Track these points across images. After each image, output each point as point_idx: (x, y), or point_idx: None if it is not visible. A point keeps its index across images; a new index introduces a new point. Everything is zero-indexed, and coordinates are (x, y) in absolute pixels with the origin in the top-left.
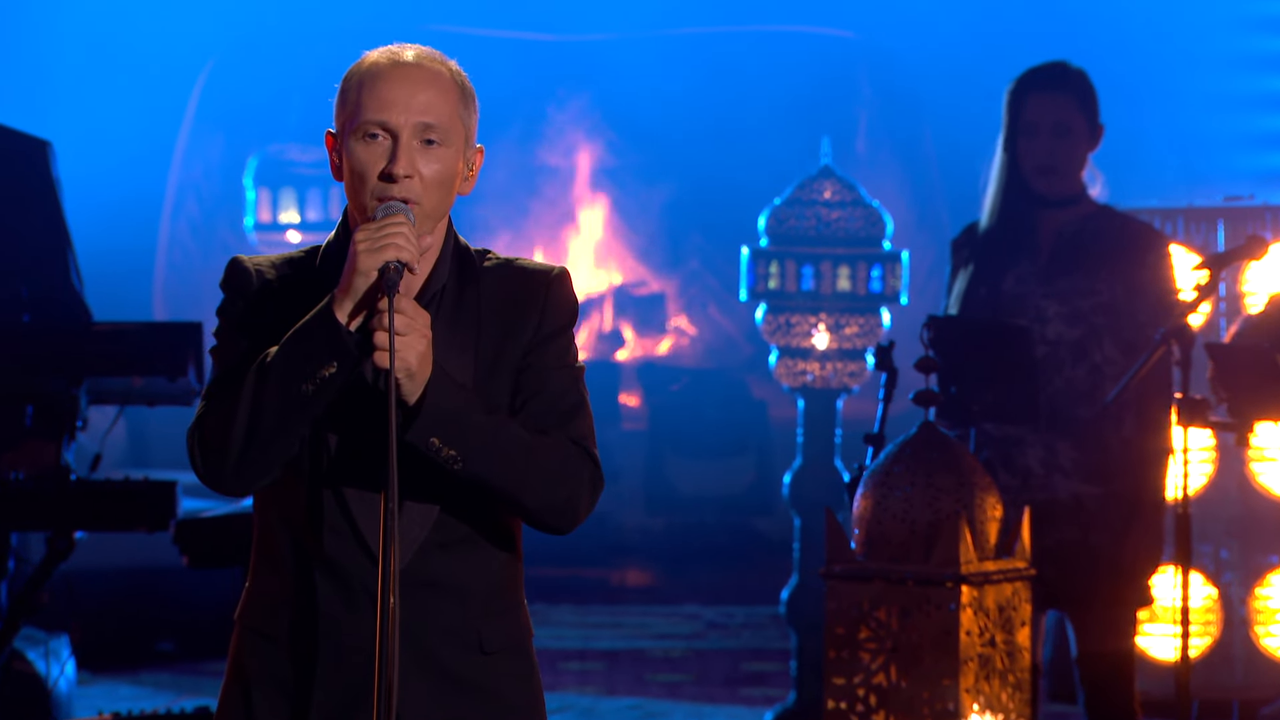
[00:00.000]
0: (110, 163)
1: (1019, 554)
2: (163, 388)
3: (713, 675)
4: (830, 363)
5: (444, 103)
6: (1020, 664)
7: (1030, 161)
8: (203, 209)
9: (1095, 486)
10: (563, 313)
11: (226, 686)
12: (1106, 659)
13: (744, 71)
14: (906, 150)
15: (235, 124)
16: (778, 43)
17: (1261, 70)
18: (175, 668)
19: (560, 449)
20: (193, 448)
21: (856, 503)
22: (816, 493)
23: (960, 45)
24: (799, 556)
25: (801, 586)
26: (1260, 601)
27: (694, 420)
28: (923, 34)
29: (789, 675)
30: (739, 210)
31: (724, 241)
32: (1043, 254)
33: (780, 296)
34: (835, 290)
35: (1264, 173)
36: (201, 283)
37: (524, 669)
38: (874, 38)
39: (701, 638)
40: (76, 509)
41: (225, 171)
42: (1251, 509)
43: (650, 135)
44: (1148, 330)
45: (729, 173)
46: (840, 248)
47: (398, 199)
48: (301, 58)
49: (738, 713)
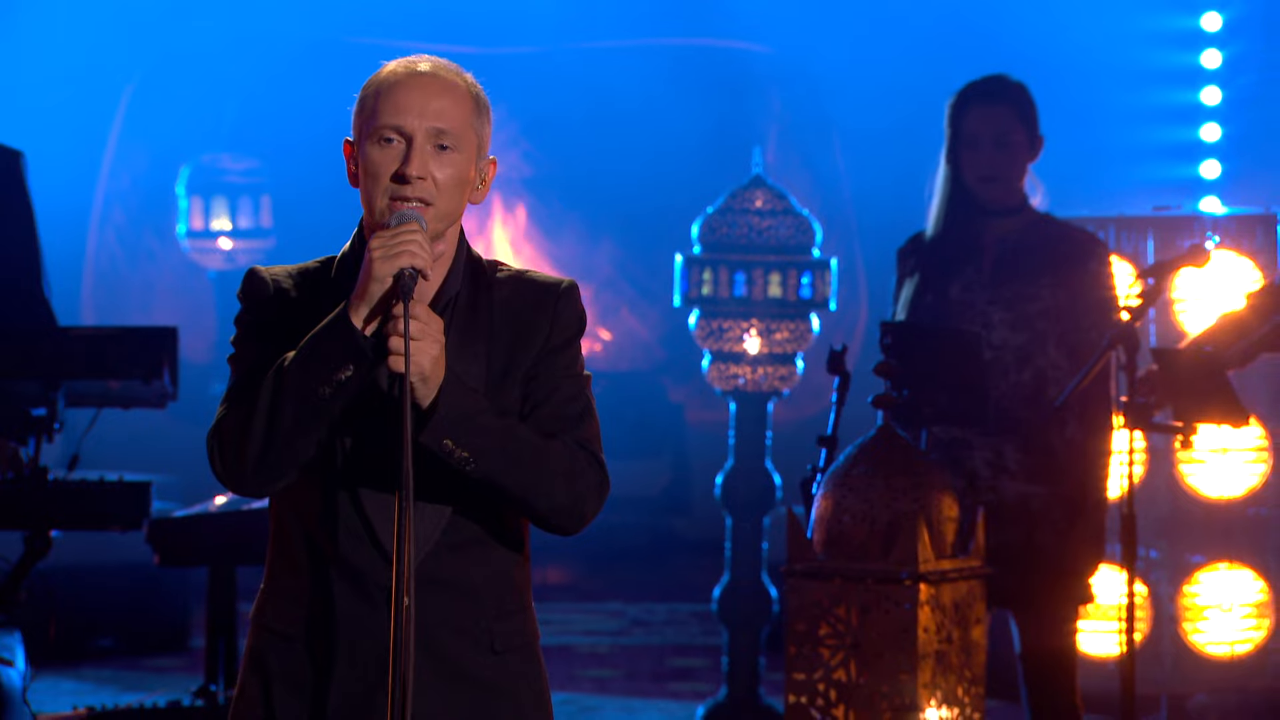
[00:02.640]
0: (36, 174)
1: (974, 553)
2: (138, 391)
3: (640, 670)
4: (761, 367)
5: (458, 110)
6: (975, 660)
7: (973, 172)
8: (130, 218)
9: (1040, 487)
10: (571, 324)
11: (243, 685)
12: (1050, 656)
13: (659, 84)
14: (816, 161)
15: (165, 134)
16: (692, 56)
17: (1173, 85)
18: (115, 663)
19: (569, 453)
20: (212, 450)
21: (817, 502)
22: (747, 493)
23: (870, 60)
24: (730, 555)
25: (733, 585)
26: (1188, 599)
27: (611, 423)
28: (834, 48)
29: (716, 670)
30: (652, 218)
31: (637, 249)
32: (987, 262)
33: (713, 302)
34: (766, 296)
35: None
36: (128, 289)
37: (533, 670)
38: (786, 52)
39: (626, 634)
40: (54, 509)
41: (153, 181)
42: (1180, 510)
43: (565, 146)
44: (1090, 335)
45: (642, 182)
46: (771, 255)
47: (411, 198)
48: (232, 69)
49: (668, 707)
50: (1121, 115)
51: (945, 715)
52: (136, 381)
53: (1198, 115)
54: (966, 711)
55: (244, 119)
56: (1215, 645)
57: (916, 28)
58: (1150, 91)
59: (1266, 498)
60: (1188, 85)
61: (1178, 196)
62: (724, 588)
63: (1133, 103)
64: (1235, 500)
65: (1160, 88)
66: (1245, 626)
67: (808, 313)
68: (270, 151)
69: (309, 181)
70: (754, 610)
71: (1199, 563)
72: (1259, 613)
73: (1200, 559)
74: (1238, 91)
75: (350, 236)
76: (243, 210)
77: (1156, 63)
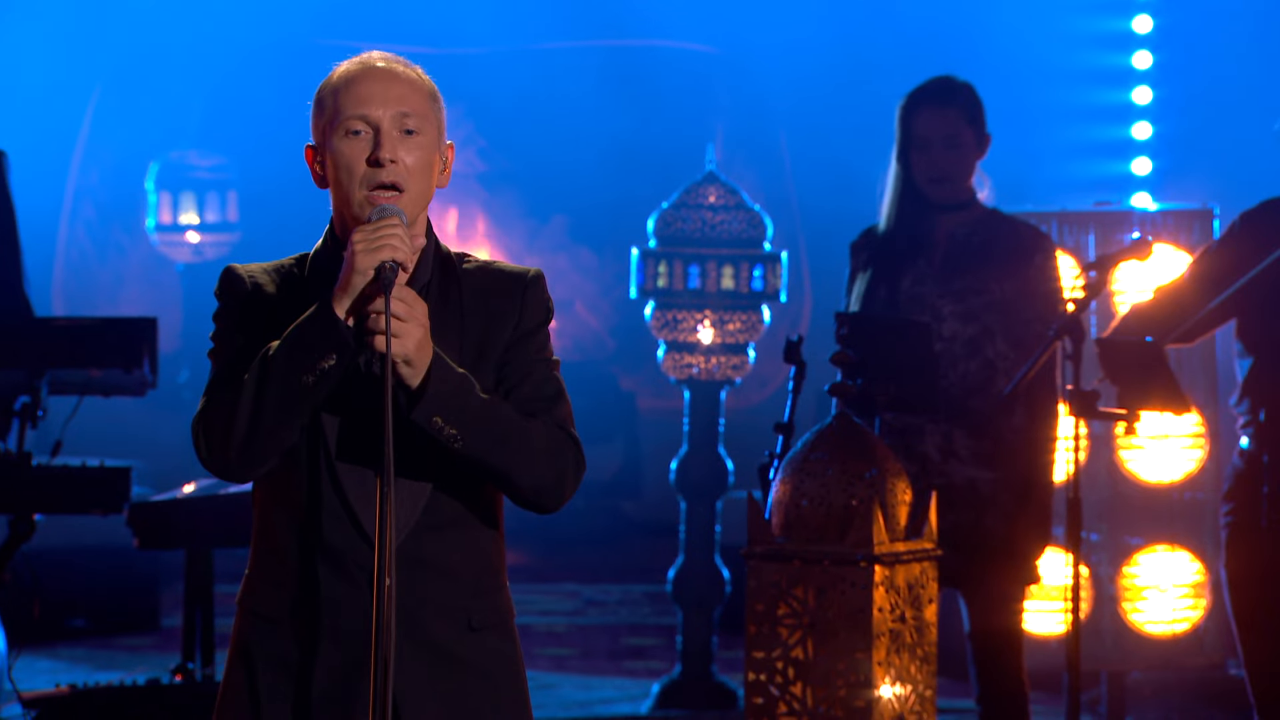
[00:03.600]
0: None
1: (926, 535)
2: (119, 379)
3: (596, 649)
4: (714, 356)
5: (417, 95)
6: (928, 638)
7: (923, 173)
8: (99, 213)
9: (989, 472)
10: (540, 311)
11: (230, 668)
12: (997, 634)
13: (610, 83)
14: (761, 158)
15: (133, 132)
16: (642, 56)
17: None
18: (89, 643)
19: (549, 432)
20: (198, 438)
21: (775, 487)
22: (701, 478)
23: (812, 60)
24: (685, 538)
25: (687, 566)
26: (1127, 580)
27: None
28: (777, 49)
29: (669, 648)
30: (601, 214)
31: (588, 244)
32: (938, 256)
33: (668, 294)
34: (719, 289)
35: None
36: (97, 281)
37: (508, 645)
38: (732, 53)
39: (582, 614)
40: (37, 493)
41: (122, 178)
42: (1119, 494)
43: (519, 144)
44: (1036, 326)
45: (591, 179)
46: (724, 249)
47: (387, 182)
48: (199, 69)
49: (624, 684)
50: (1056, 114)
51: (899, 692)
52: (118, 370)
53: (1129, 114)
54: (919, 688)
55: (211, 117)
56: (1154, 624)
57: (856, 29)
58: (1084, 91)
59: (1203, 482)
60: (1120, 85)
61: (1110, 192)
62: (678, 569)
63: (1067, 102)
64: (1173, 485)
65: (1093, 87)
66: (1182, 606)
67: (759, 304)
68: (236, 148)
69: (274, 177)
70: (708, 591)
71: (1138, 545)
72: (1195, 593)
73: (1139, 541)
74: (1168, 91)
75: (321, 234)
76: (210, 205)
77: (1090, 63)
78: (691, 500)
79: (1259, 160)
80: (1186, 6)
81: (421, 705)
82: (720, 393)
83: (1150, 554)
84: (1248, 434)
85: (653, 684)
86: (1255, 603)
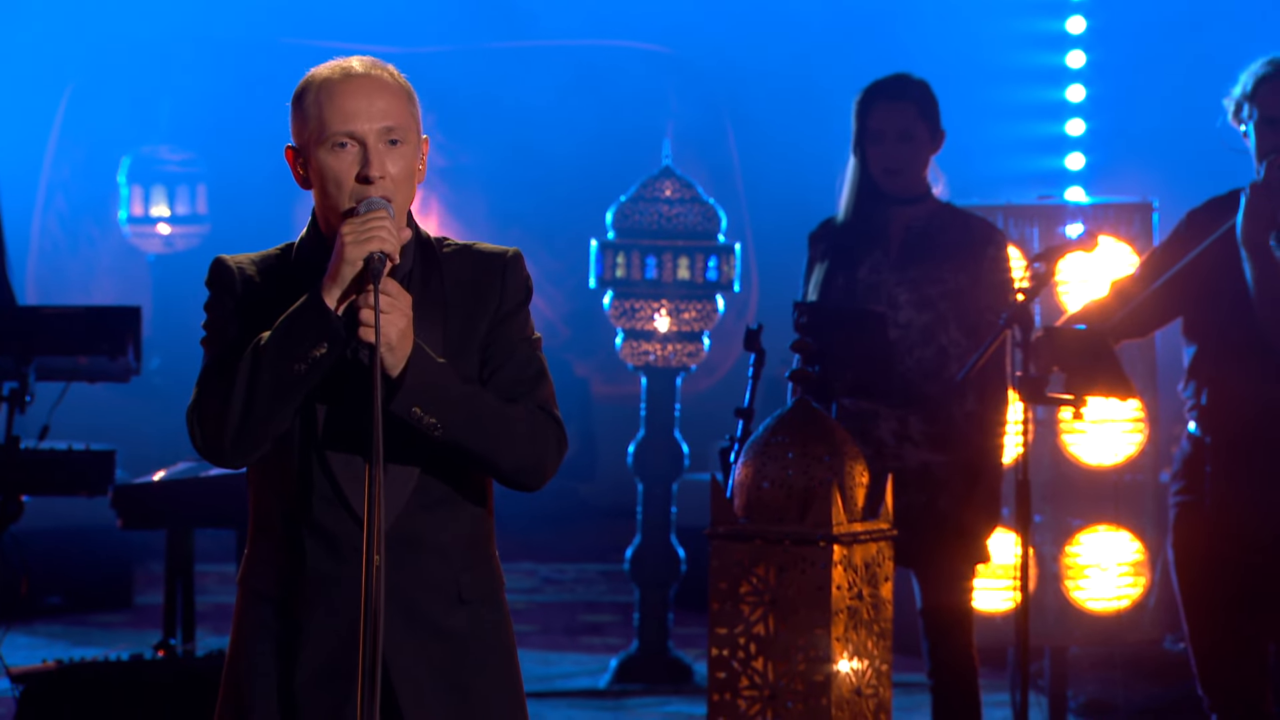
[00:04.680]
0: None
1: (883, 516)
2: (104, 366)
3: (555, 626)
4: (670, 344)
5: (397, 104)
6: (884, 615)
7: (878, 165)
8: (72, 206)
9: (941, 455)
10: (520, 290)
11: (233, 643)
12: (948, 611)
13: (566, 81)
14: (710, 154)
15: (105, 128)
16: (597, 56)
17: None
18: (65, 620)
19: (529, 414)
20: (193, 426)
21: (737, 470)
22: (658, 462)
23: (759, 60)
24: (642, 519)
25: (644, 546)
26: (1070, 559)
27: None
28: (727, 50)
29: (626, 625)
30: (556, 207)
31: (543, 236)
32: (894, 246)
33: (626, 284)
34: (676, 279)
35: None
36: (70, 272)
37: (497, 617)
38: (684, 53)
39: (540, 592)
40: (26, 475)
41: (94, 172)
42: (1062, 476)
43: (476, 139)
44: (988, 315)
45: (547, 173)
46: (680, 240)
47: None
48: (169, 68)
49: (582, 659)
50: (993, 111)
51: (856, 666)
52: (103, 357)
53: (1064, 111)
54: (875, 663)
55: (180, 114)
56: (1095, 601)
57: (803, 31)
58: (1020, 89)
59: (1142, 465)
60: (1054, 84)
61: (1045, 187)
62: (636, 549)
63: (1004, 99)
64: (1113, 468)
65: (1029, 86)
66: (1123, 584)
67: (714, 294)
68: (205, 144)
69: (242, 171)
70: (664, 570)
71: (1080, 525)
72: (1135, 571)
73: (1080, 522)
74: (1100, 89)
75: (302, 226)
76: (180, 198)
77: (1026, 63)
78: (649, 483)
79: (1190, 155)
80: (1118, 8)
81: (413, 676)
82: (676, 379)
83: (1092, 534)
84: (1193, 417)
85: (610, 659)
86: (1199, 579)
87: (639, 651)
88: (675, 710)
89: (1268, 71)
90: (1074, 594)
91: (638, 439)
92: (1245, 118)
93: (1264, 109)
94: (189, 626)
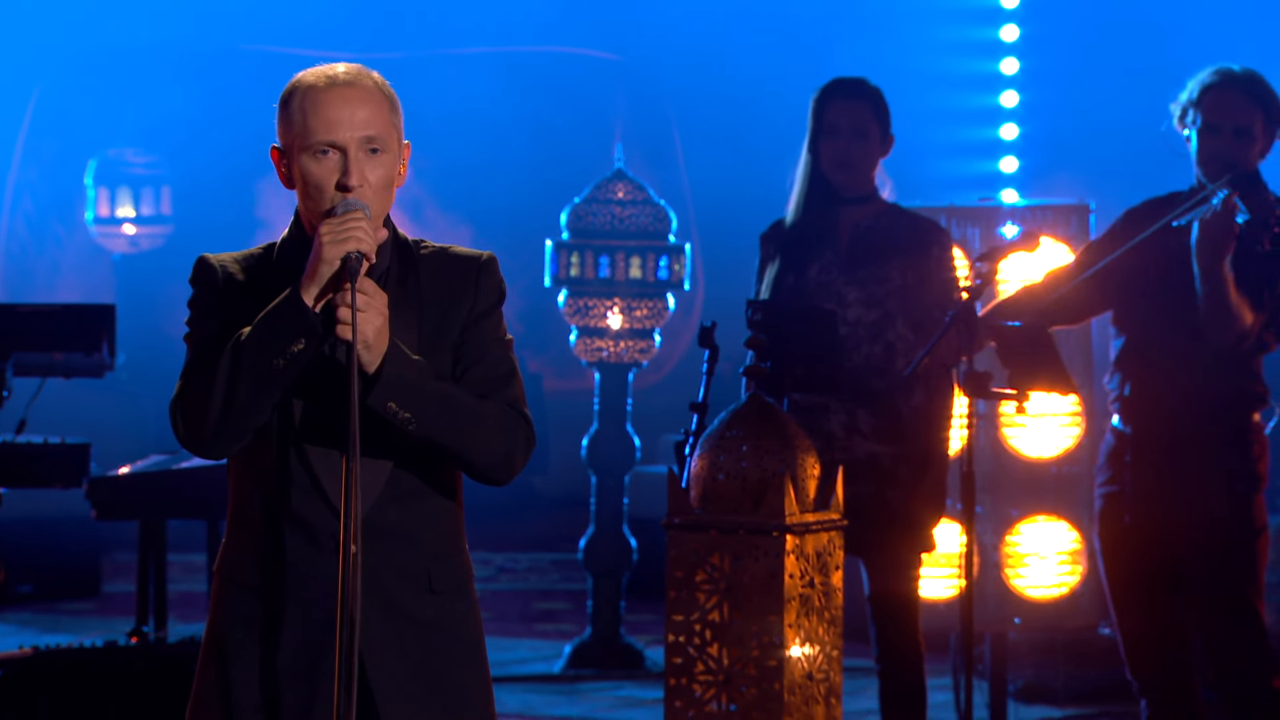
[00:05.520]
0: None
1: (834, 506)
2: (79, 362)
3: (509, 613)
4: (623, 341)
5: (379, 114)
6: (834, 602)
7: (830, 159)
8: (39, 207)
9: (889, 447)
10: (493, 292)
11: (209, 630)
12: (894, 598)
13: (518, 88)
14: (658, 158)
15: (72, 132)
16: (549, 63)
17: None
18: (34, 607)
19: (499, 412)
20: (175, 418)
21: (692, 462)
22: (611, 454)
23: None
24: (595, 510)
25: (597, 536)
26: (1010, 548)
27: None
28: (672, 57)
29: (579, 612)
30: (509, 209)
31: (496, 237)
32: (843, 246)
33: (580, 283)
34: (628, 278)
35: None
36: (36, 270)
37: (467, 606)
38: (632, 59)
39: (494, 580)
40: (4, 468)
41: (61, 174)
42: (1002, 468)
43: (431, 143)
44: (934, 312)
45: (498, 176)
46: (632, 240)
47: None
48: (134, 73)
49: (538, 646)
50: (930, 116)
51: (808, 652)
52: (79, 354)
53: (998, 116)
54: (826, 648)
55: (146, 118)
56: (1034, 589)
57: (745, 40)
58: (956, 95)
59: (1079, 458)
60: (989, 90)
61: (980, 189)
62: (589, 539)
63: (940, 105)
64: (1052, 460)
65: (964, 92)
66: (1060, 572)
67: (665, 292)
68: (170, 147)
69: (204, 174)
70: (616, 559)
71: (1019, 515)
72: (1073, 560)
73: (1020, 512)
74: (1033, 95)
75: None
76: (145, 199)
77: (961, 70)
78: (602, 475)
79: (1120, 159)
80: (1051, 17)
81: (385, 663)
82: (629, 375)
83: (1031, 524)
84: (1116, 409)
85: (564, 645)
86: (1122, 568)
87: (592, 638)
88: (628, 694)
89: (1214, 81)
90: (1014, 581)
91: (591, 432)
92: (1189, 123)
93: (1207, 116)
94: (161, 614)
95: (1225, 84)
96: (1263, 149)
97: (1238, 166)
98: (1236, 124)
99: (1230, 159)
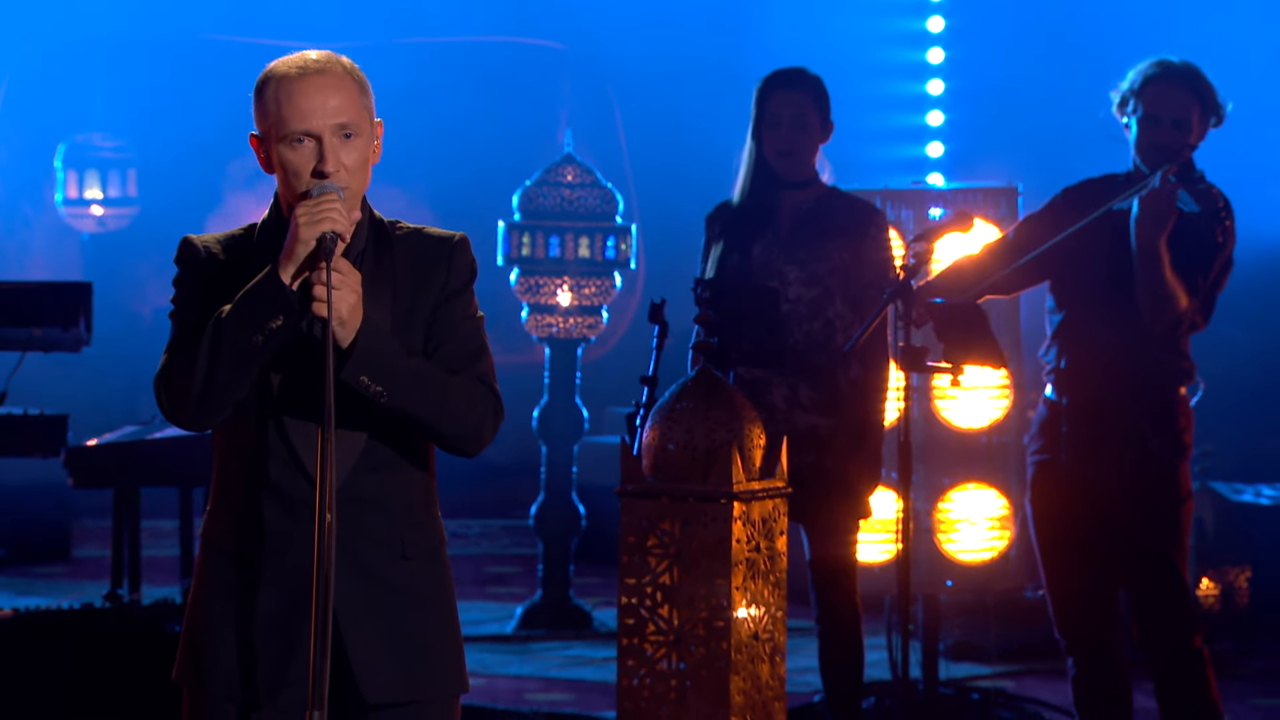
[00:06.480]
0: None
1: (778, 475)
2: (58, 336)
3: (462, 577)
4: (572, 317)
5: (350, 100)
6: (779, 566)
7: (772, 147)
8: (8, 188)
9: (828, 419)
10: (465, 272)
11: (194, 592)
12: (833, 561)
13: (467, 76)
14: (601, 143)
15: (41, 118)
16: (498, 51)
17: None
18: (7, 571)
19: (469, 385)
20: (159, 393)
21: (644, 432)
22: (561, 425)
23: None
24: (545, 478)
25: (548, 503)
26: (942, 514)
27: None
28: (614, 46)
29: (529, 576)
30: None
31: (448, 219)
32: (784, 227)
33: (531, 262)
34: (577, 257)
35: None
36: (7, 250)
37: (439, 571)
38: (577, 48)
39: (448, 546)
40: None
41: (30, 158)
42: (934, 437)
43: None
44: (871, 291)
45: (452, 161)
46: (581, 221)
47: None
48: (101, 61)
49: (490, 608)
50: (859, 103)
51: (754, 613)
52: (57, 329)
53: (924, 104)
54: (771, 610)
55: (113, 104)
56: (965, 553)
57: (684, 30)
58: (883, 83)
59: (1008, 428)
60: (915, 78)
61: (907, 173)
62: (540, 506)
63: (869, 93)
64: (981, 430)
65: (892, 80)
66: (989, 537)
67: (612, 271)
68: (136, 131)
69: (169, 157)
70: (566, 525)
71: (950, 483)
72: (1001, 525)
73: (951, 480)
74: (958, 83)
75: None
76: (112, 182)
77: (889, 59)
78: (552, 445)
79: (1041, 144)
80: (976, 9)
81: (360, 626)
82: (577, 349)
83: (961, 491)
84: (1050, 380)
85: (516, 607)
86: (1054, 533)
87: (542, 600)
88: (577, 654)
89: (1155, 72)
90: (945, 546)
91: (541, 404)
92: (1130, 112)
93: (1148, 107)
94: (135, 577)
95: (1166, 76)
96: (1197, 138)
97: (1176, 157)
98: (1175, 116)
99: (1169, 149)
